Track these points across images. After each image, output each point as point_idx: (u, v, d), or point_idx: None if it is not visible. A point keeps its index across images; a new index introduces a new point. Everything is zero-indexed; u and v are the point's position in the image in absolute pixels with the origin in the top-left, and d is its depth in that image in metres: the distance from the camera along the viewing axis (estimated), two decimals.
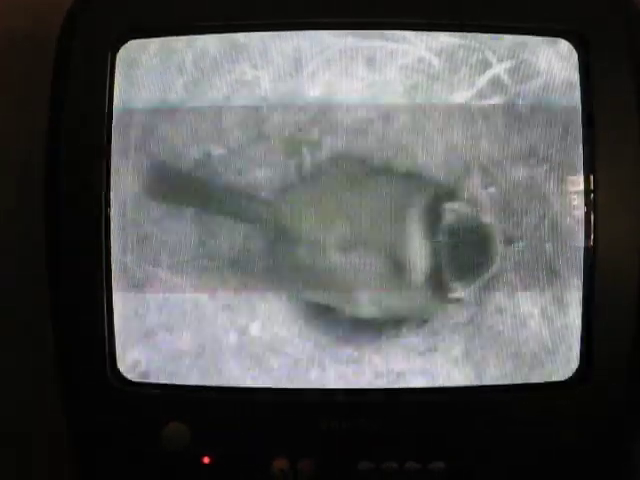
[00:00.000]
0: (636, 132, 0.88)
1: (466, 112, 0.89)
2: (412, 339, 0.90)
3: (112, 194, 0.90)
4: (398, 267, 0.89)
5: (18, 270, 1.08)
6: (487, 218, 0.89)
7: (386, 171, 0.89)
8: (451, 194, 0.89)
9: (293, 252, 0.90)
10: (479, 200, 0.89)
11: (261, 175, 0.90)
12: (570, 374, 0.89)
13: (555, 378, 0.90)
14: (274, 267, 0.90)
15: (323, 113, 0.89)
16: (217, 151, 0.90)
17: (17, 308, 1.08)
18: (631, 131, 0.88)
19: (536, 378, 0.90)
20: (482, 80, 0.89)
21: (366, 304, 0.90)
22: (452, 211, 0.89)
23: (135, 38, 0.89)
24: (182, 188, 0.90)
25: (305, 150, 0.90)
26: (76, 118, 0.89)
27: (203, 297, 0.90)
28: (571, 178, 0.89)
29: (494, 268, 0.89)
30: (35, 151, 0.93)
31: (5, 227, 1.09)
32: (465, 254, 0.89)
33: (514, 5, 0.89)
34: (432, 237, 0.89)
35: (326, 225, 0.89)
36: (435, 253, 0.89)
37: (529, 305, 0.90)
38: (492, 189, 0.89)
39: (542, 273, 0.89)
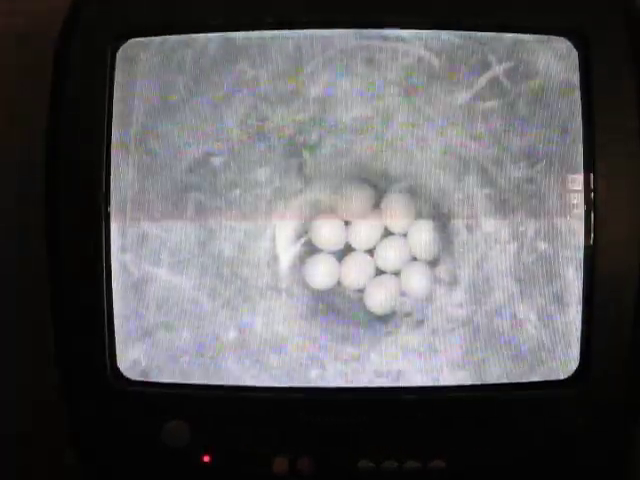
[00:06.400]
0: (636, 131, 0.88)
1: (466, 112, 0.89)
2: (412, 338, 0.90)
3: (112, 193, 0.90)
4: None
5: (18, 270, 1.07)
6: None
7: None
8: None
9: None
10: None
11: (261, 174, 0.90)
12: (570, 373, 0.89)
13: (555, 377, 0.90)
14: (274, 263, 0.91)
15: (323, 112, 0.90)
16: (217, 150, 0.90)
17: (17, 307, 1.08)
18: (631, 130, 0.88)
19: (536, 377, 0.90)
20: (482, 79, 0.89)
21: None
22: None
23: (135, 37, 0.89)
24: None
25: (305, 150, 0.90)
26: (76, 118, 0.89)
27: (202, 295, 0.90)
28: (571, 177, 0.89)
29: None
30: (35, 151, 0.93)
31: (5, 227, 1.08)
32: None
33: (514, 4, 0.89)
34: None
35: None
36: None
37: (528, 305, 0.90)
38: (490, 189, 0.90)
39: (542, 272, 0.90)
